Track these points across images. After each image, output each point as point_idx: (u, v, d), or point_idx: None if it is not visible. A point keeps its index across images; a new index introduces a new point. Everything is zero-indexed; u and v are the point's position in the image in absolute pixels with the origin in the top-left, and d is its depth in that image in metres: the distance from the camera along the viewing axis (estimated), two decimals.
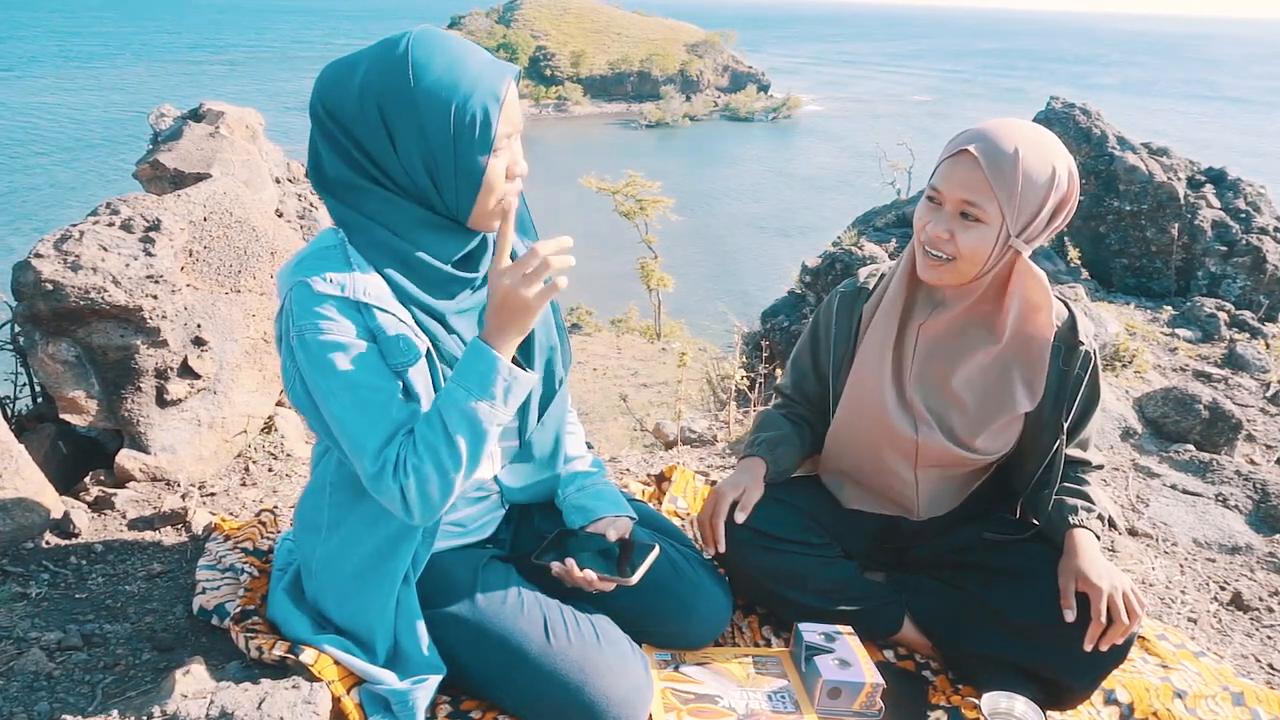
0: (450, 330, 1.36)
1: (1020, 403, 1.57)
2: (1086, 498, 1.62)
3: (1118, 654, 1.49)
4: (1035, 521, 1.66)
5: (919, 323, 1.59)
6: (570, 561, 1.41)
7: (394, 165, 1.26)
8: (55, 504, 2.01)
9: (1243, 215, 5.68)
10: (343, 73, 1.25)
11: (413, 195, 1.28)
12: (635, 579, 1.41)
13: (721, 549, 1.63)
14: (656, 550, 1.48)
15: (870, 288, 1.69)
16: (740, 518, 1.63)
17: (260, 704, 1.26)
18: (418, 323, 1.32)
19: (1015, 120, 1.47)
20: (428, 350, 1.32)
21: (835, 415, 1.70)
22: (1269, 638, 2.04)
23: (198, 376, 2.29)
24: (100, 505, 2.10)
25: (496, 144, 1.25)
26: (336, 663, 1.38)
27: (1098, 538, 1.58)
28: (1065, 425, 1.59)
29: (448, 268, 1.34)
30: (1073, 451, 1.66)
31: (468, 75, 1.23)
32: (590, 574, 1.40)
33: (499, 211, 1.31)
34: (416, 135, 1.23)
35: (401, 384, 1.29)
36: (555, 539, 1.51)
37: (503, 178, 1.29)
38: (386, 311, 1.28)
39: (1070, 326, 1.57)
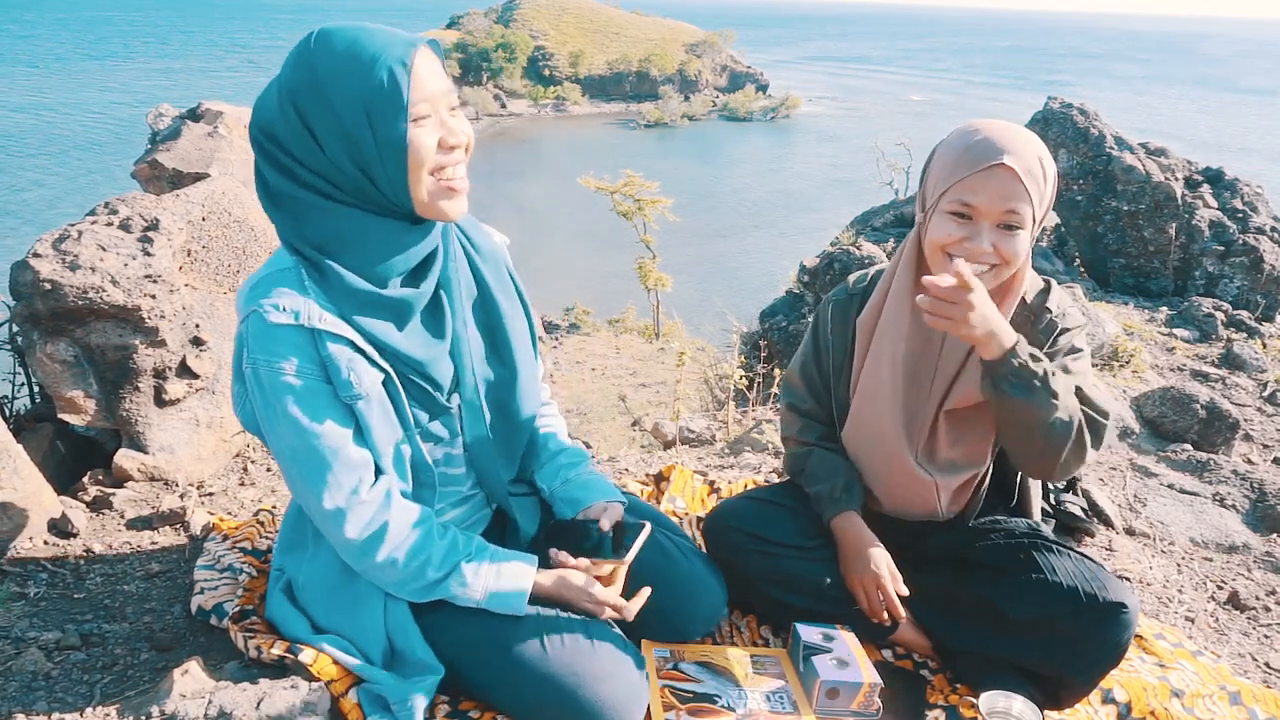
0: (404, 356, 1.33)
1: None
2: None
3: (1115, 652, 1.49)
4: (1029, 516, 1.67)
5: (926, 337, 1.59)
6: (563, 553, 1.43)
7: (322, 161, 1.22)
8: (53, 504, 2.01)
9: (1240, 215, 5.68)
10: (268, 87, 1.25)
11: (352, 194, 1.24)
12: (629, 557, 1.42)
13: (901, 616, 1.61)
14: (648, 528, 1.48)
15: (861, 293, 1.69)
16: (900, 589, 1.60)
17: (259, 704, 1.27)
18: (373, 346, 1.29)
19: (1005, 123, 1.49)
20: (385, 377, 1.30)
21: (845, 429, 1.70)
22: (1266, 637, 2.04)
23: (196, 376, 2.29)
24: (98, 505, 2.10)
25: (415, 110, 1.20)
26: (335, 662, 1.39)
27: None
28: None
29: (394, 292, 1.29)
30: None
31: (370, 47, 1.19)
32: (584, 560, 1.41)
33: (443, 190, 1.26)
34: (332, 120, 1.19)
35: (354, 420, 1.29)
36: (546, 537, 1.52)
37: (433, 148, 1.23)
38: (340, 339, 1.25)
39: (1042, 301, 1.57)
